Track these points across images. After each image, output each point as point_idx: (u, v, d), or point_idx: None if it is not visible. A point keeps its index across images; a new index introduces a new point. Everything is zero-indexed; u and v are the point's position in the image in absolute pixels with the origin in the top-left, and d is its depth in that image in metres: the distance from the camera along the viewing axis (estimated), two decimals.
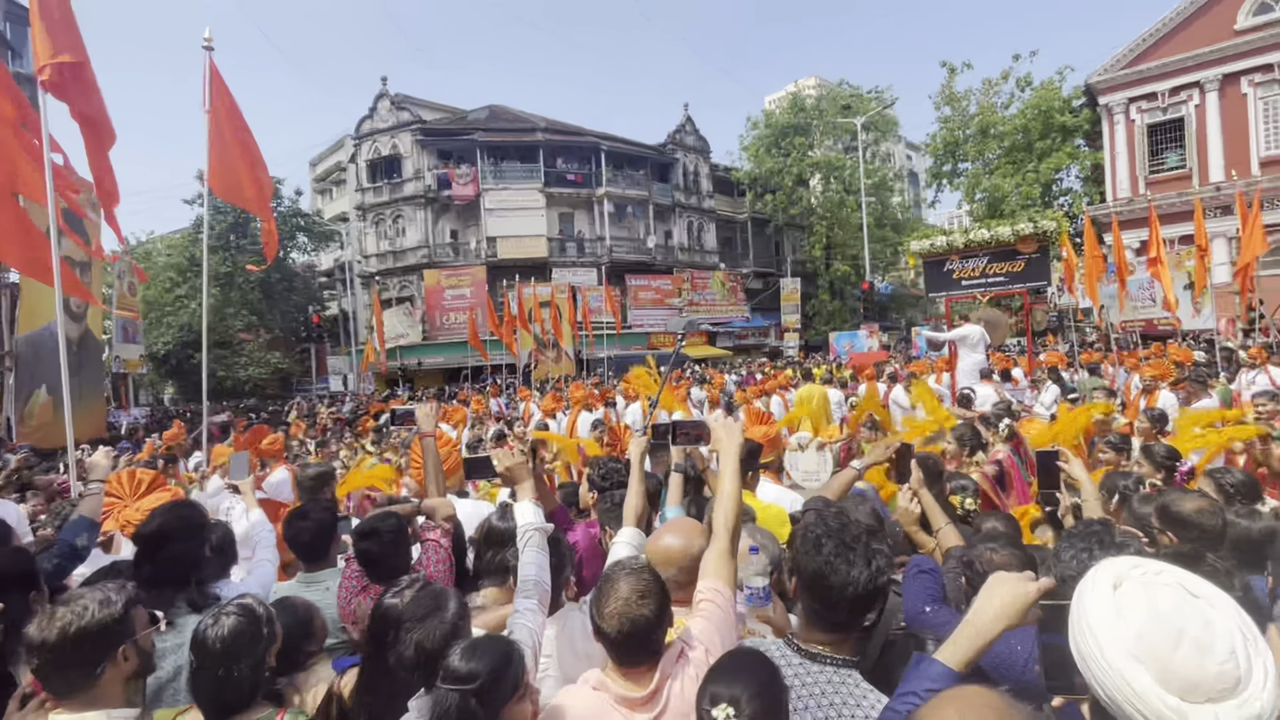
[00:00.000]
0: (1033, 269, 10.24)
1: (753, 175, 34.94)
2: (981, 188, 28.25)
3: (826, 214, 34.71)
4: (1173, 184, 23.27)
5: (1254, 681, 0.95)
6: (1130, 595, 1.04)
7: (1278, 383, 8.34)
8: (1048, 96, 26.97)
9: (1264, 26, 21.78)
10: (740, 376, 15.71)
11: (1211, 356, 11.02)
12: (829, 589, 1.50)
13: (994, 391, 8.99)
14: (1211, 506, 2.50)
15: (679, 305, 31.95)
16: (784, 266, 36.27)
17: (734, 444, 1.99)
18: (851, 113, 32.38)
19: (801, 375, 11.76)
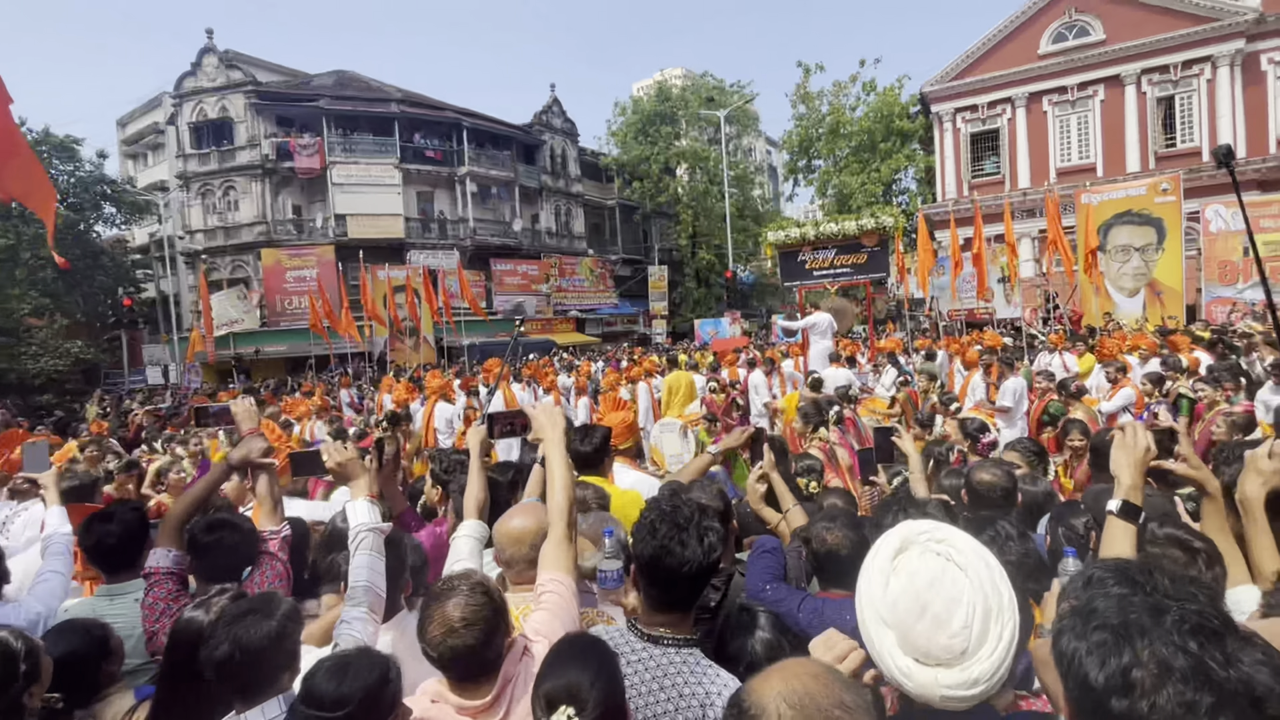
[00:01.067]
0: (874, 261, 11.18)
1: (621, 161, 35.25)
2: (832, 184, 30.41)
3: (692, 203, 35.80)
4: (990, 188, 26.32)
5: (982, 651, 1.09)
6: (903, 563, 1.17)
7: (1070, 366, 9.73)
8: (889, 102, 29.48)
9: (1061, 53, 25.12)
10: (608, 363, 15.86)
11: (1019, 341, 12.64)
12: (665, 570, 1.54)
13: (842, 374, 9.74)
14: (1003, 478, 2.84)
15: (546, 291, 31.64)
16: (652, 254, 37.03)
17: (556, 431, 1.98)
18: (715, 105, 33.53)
19: (667, 362, 12.07)
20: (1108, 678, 0.82)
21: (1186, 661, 0.78)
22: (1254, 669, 0.77)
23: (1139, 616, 0.83)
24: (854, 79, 30.89)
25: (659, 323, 33.56)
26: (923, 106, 28.91)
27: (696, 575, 1.55)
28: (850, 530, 2.43)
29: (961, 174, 27.18)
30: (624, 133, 35.40)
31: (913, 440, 3.44)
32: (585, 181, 35.52)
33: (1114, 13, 24.23)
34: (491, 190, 30.99)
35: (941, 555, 1.15)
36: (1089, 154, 25.17)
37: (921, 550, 1.16)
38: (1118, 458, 1.85)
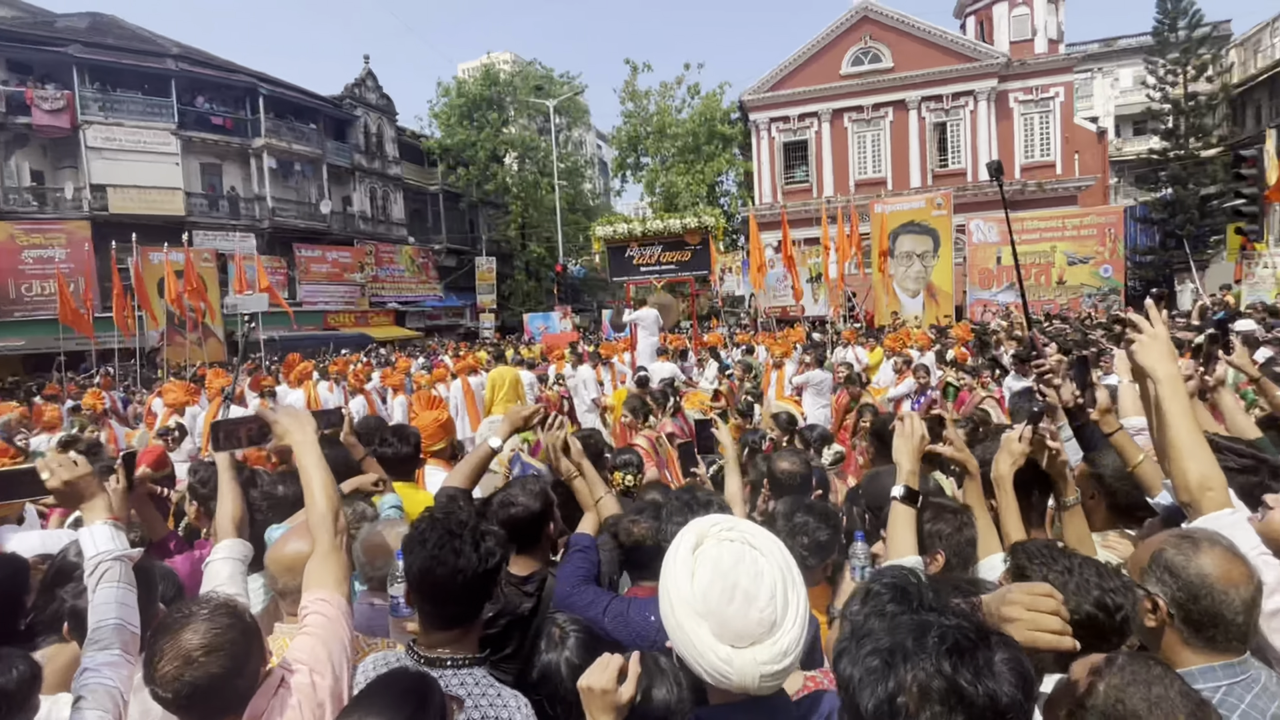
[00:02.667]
0: (697, 259, 11.76)
1: (444, 145, 33.81)
2: (660, 183, 31.52)
3: (522, 194, 35.27)
4: (800, 195, 28.79)
5: (786, 621, 1.17)
6: (704, 555, 1.20)
7: (860, 358, 10.93)
8: (712, 106, 31.14)
9: (858, 75, 28.10)
10: (428, 359, 15.11)
11: (825, 337, 13.98)
12: (437, 583, 1.46)
13: (667, 369, 10.10)
14: (801, 465, 3.08)
15: (361, 280, 29.49)
16: (480, 244, 35.91)
17: (305, 432, 1.76)
18: (544, 94, 33.27)
19: (493, 357, 11.74)
20: (876, 705, 0.89)
21: (942, 684, 0.85)
22: (998, 680, 0.86)
23: (904, 639, 0.90)
24: (679, 81, 32.23)
25: (487, 316, 32.69)
26: (742, 113, 30.87)
27: (472, 585, 1.48)
28: (658, 522, 2.48)
29: (776, 180, 29.44)
30: (447, 115, 33.97)
31: (729, 431, 3.61)
32: (405, 164, 33.58)
33: (900, 44, 27.57)
34: (295, 167, 28.22)
35: (736, 541, 1.21)
36: (881, 169, 28.43)
37: (718, 540, 1.21)
38: (899, 446, 2.06)
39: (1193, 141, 26.72)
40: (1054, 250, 20.69)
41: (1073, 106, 27.45)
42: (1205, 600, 1.42)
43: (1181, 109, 26.69)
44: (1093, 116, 31.48)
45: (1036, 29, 26.84)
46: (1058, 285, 20.56)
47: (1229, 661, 1.40)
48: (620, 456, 3.74)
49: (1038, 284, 20.70)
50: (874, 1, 27.60)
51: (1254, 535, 1.72)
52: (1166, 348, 1.93)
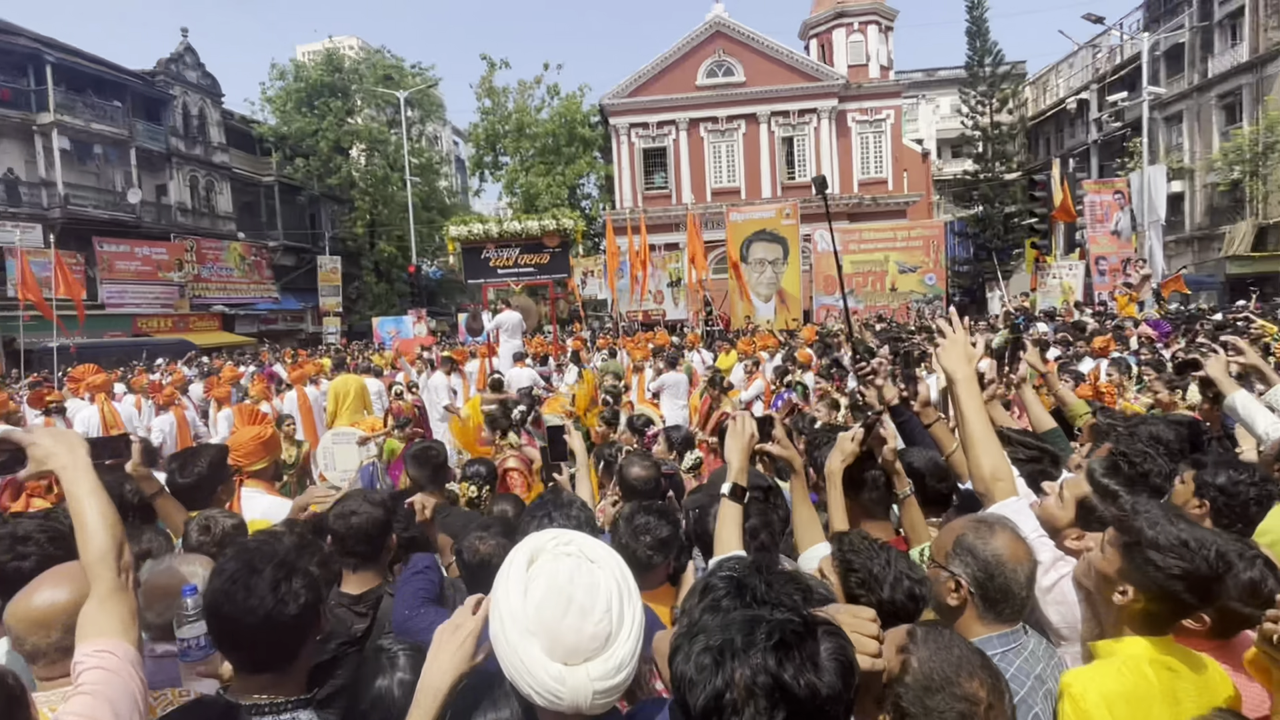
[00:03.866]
0: (556, 262, 11.70)
1: (280, 133, 31.24)
2: (519, 183, 31.08)
3: (370, 189, 33.38)
4: (659, 201, 29.57)
5: (621, 633, 1.16)
6: (539, 570, 1.18)
7: (708, 362, 11.38)
8: (572, 108, 31.19)
9: (712, 88, 29.37)
10: (260, 367, 13.83)
11: (682, 341, 14.43)
12: (225, 621, 1.33)
13: (526, 374, 9.94)
14: (652, 470, 3.14)
15: (180, 280, 26.49)
16: (322, 242, 33.47)
17: (75, 456, 1.51)
18: (394, 85, 31.72)
19: (334, 365, 10.97)
20: (705, 701, 0.92)
21: (767, 679, 0.89)
22: (820, 673, 0.90)
23: (734, 635, 0.93)
24: (538, 81, 31.98)
25: (331, 320, 30.55)
26: (602, 117, 31.20)
27: (270, 630, 1.33)
28: (505, 540, 2.41)
29: (636, 185, 30.04)
30: (283, 100, 31.43)
31: (581, 439, 3.59)
32: (233, 152, 30.62)
33: (752, 60, 29.15)
34: (94, 150, 24.83)
35: (573, 555, 1.19)
36: (735, 178, 29.88)
37: (553, 555, 1.19)
38: (729, 444, 2.15)
39: (998, 165, 30.57)
40: (887, 259, 22.74)
41: (901, 129, 30.38)
42: (999, 578, 1.60)
43: (988, 136, 30.46)
44: (918, 139, 35.02)
45: (870, 55, 29.45)
46: (891, 291, 22.61)
47: (1005, 631, 1.58)
48: (470, 467, 3.61)
49: (874, 290, 22.66)
50: (726, 17, 28.96)
51: (1034, 519, 1.96)
52: (964, 351, 2.16)
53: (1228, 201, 24.82)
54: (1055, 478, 2.37)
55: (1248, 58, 23.98)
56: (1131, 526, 1.57)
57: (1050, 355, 8.81)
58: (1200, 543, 1.49)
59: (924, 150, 31.91)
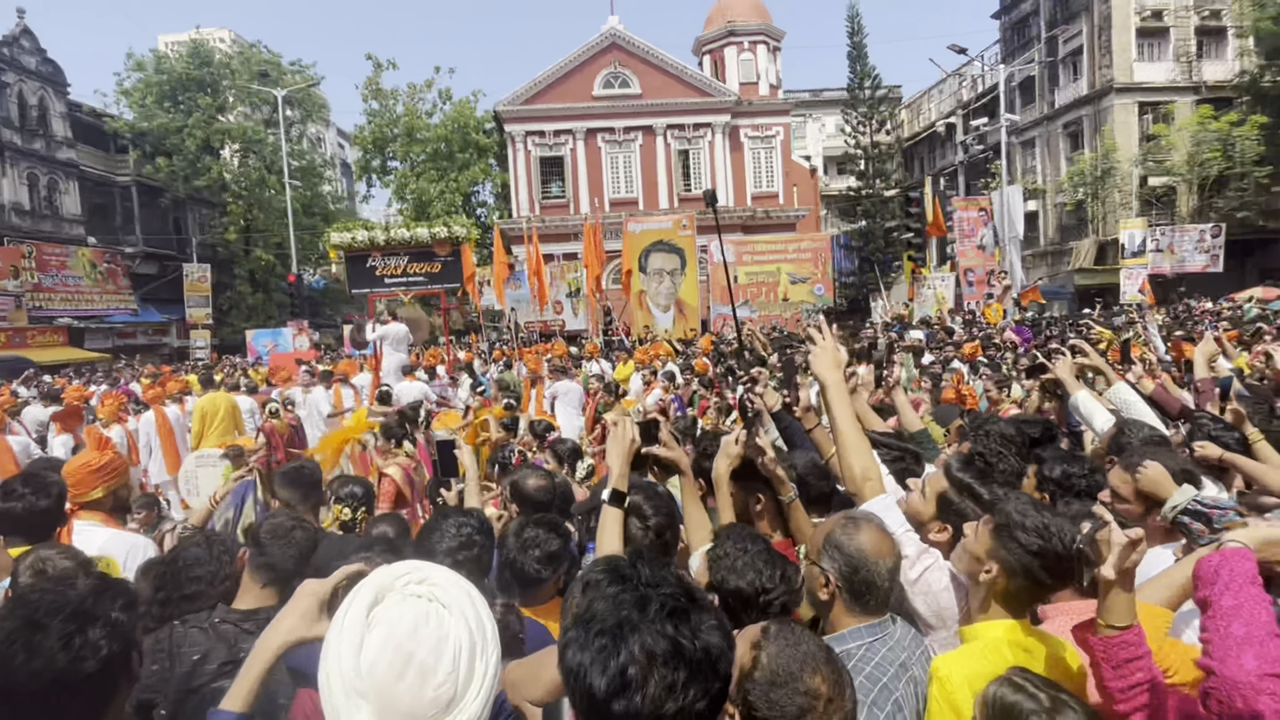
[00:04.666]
0: (449, 271, 11.39)
1: (139, 129, 28.72)
2: (410, 189, 30.08)
3: (245, 192, 31.28)
4: (557, 209, 29.48)
5: (469, 694, 1.03)
6: (380, 616, 1.04)
7: (608, 373, 11.42)
8: (465, 114, 30.58)
9: (609, 99, 29.67)
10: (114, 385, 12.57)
11: (582, 353, 14.41)
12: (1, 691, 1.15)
13: (416, 388, 9.58)
14: (548, 480, 3.10)
15: (15, 289, 23.69)
16: (189, 249, 30.95)
17: None
18: (271, 82, 29.93)
19: (201, 382, 10.12)
20: (609, 681, 0.93)
21: (666, 645, 0.94)
22: (709, 634, 0.98)
23: (629, 612, 0.97)
24: (429, 84, 31.14)
25: (200, 334, 28.27)
26: (497, 124, 30.79)
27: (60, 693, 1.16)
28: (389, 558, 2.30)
29: (533, 193, 29.81)
30: (142, 93, 28.94)
31: (470, 452, 3.50)
32: (82, 148, 27.82)
33: (647, 73, 29.70)
34: None
35: (424, 597, 1.07)
36: (633, 188, 30.26)
37: (400, 597, 1.07)
38: (610, 449, 2.16)
39: (878, 182, 32.64)
40: (779, 271, 23.72)
41: (790, 145, 31.86)
42: (863, 571, 1.68)
43: (869, 155, 32.49)
44: (806, 155, 36.84)
45: (760, 74, 30.73)
46: (783, 301, 23.59)
47: (872, 622, 1.67)
48: (344, 488, 3.42)
49: (767, 300, 23.56)
50: (621, 29, 29.38)
51: (901, 515, 2.09)
52: (833, 358, 2.27)
53: (1074, 220, 27.71)
54: (920, 475, 2.53)
55: (1087, 91, 26.96)
56: (1002, 510, 1.71)
57: (925, 360, 9.48)
58: (1059, 528, 1.64)
59: (812, 166, 33.62)
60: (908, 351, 9.49)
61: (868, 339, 11.17)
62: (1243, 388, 3.61)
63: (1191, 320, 13.24)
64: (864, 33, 32.13)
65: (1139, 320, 11.38)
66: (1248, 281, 21.96)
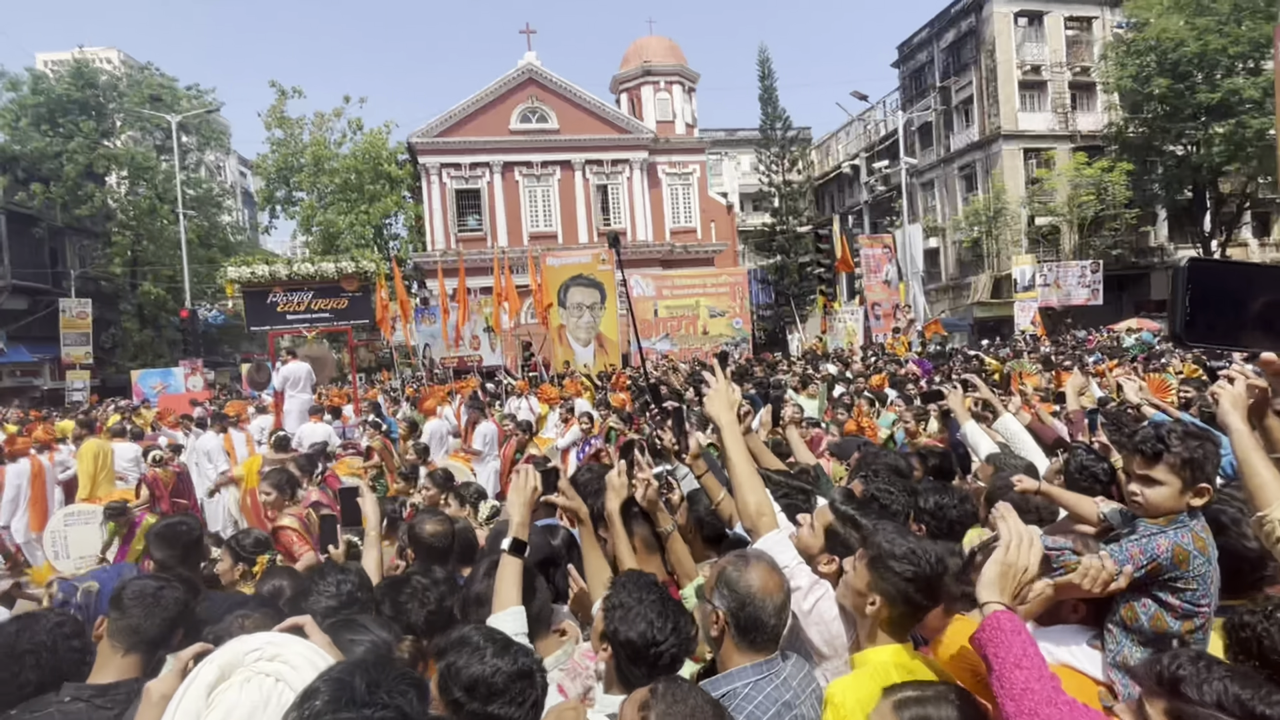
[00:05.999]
0: (356, 306, 11.07)
1: (9, 152, 26.75)
2: (318, 221, 29.19)
3: (132, 222, 29.53)
4: (474, 243, 29.21)
5: None
6: (220, 698, 1.01)
7: (534, 408, 11.36)
8: (376, 144, 30.12)
9: (526, 133, 29.91)
10: None
11: (499, 389, 14.22)
12: None
13: (320, 430, 9.20)
14: (447, 525, 3.06)
15: None
16: (66, 282, 28.74)
17: None
18: (165, 106, 28.59)
19: (81, 426, 9.39)
20: None
21: None
22: None
23: None
24: (338, 114, 30.57)
25: (78, 375, 26.15)
26: (411, 156, 30.42)
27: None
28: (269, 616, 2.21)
29: (449, 227, 29.49)
30: (16, 114, 27.06)
31: (374, 501, 3.40)
32: None
33: (564, 109, 30.15)
34: None
35: (271, 675, 1.03)
36: (552, 223, 30.41)
37: (246, 676, 1.02)
38: (511, 498, 2.18)
39: (791, 219, 34.14)
40: (698, 304, 24.25)
41: (706, 182, 32.92)
42: (750, 608, 1.75)
43: (782, 193, 34.01)
44: (723, 192, 38.12)
45: (676, 113, 31.75)
46: (703, 334, 24.08)
47: (759, 661, 1.74)
48: (249, 537, 3.27)
49: (688, 333, 24.00)
50: (538, 65, 29.80)
51: (793, 549, 2.19)
52: (726, 399, 2.38)
53: (971, 256, 29.77)
54: (810, 510, 2.67)
55: (978, 137, 29.26)
56: (873, 542, 1.80)
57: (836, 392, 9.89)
58: (924, 550, 1.76)
59: (728, 203, 34.78)
60: (823, 382, 9.88)
61: (757, 375, 11.60)
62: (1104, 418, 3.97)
63: (1081, 351, 14.42)
64: (774, 76, 33.87)
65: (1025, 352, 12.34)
66: (1124, 313, 24.20)
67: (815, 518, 2.33)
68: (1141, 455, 1.85)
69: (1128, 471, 2.01)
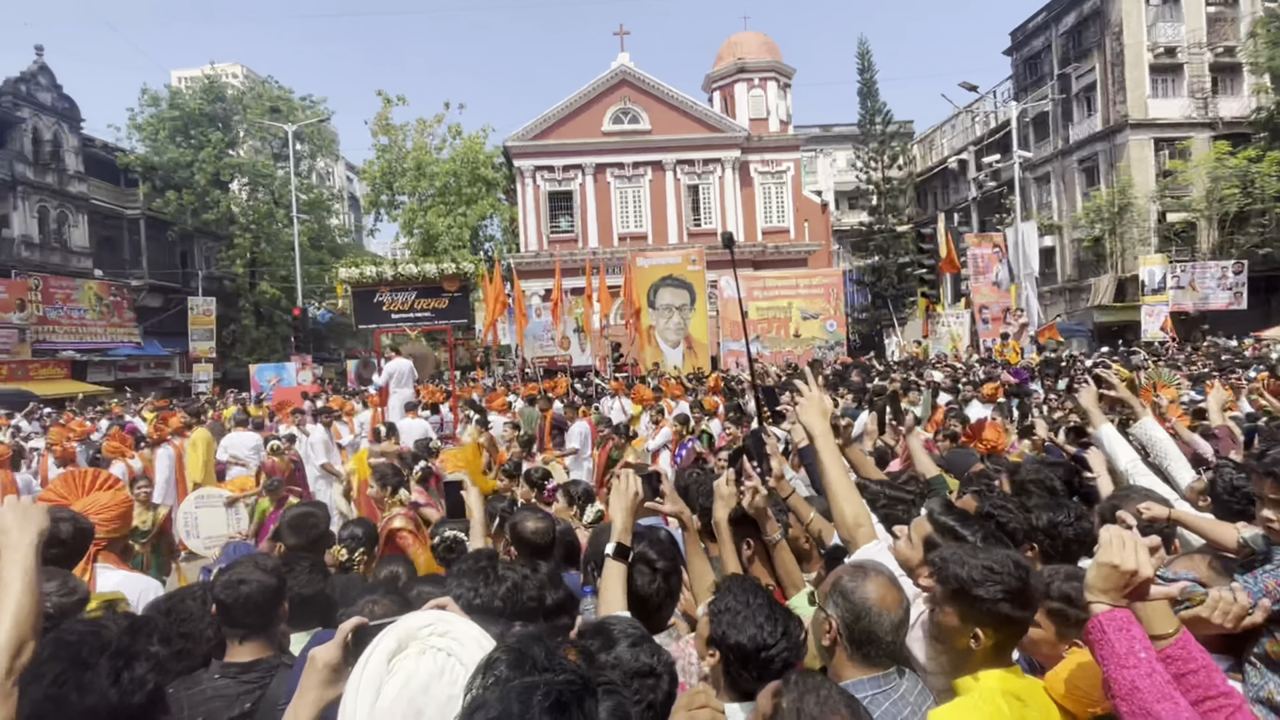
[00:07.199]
0: (456, 306, 11.56)
1: (149, 163, 29.54)
2: (418, 224, 30.64)
3: (252, 225, 31.99)
4: (566, 244, 29.87)
5: None
6: (400, 666, 1.09)
7: (626, 409, 11.50)
8: (474, 149, 31.29)
9: (619, 134, 30.31)
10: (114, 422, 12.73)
11: (590, 389, 14.49)
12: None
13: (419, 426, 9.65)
14: (548, 524, 3.16)
15: (20, 322, 24.14)
16: (194, 282, 31.55)
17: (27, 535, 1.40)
18: (282, 117, 30.80)
19: (191, 416, 10.22)
20: None
21: None
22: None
23: (511, 704, 0.92)
24: (439, 120, 31.96)
25: (203, 367, 28.63)
26: (506, 159, 31.46)
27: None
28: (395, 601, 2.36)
29: (541, 228, 30.29)
30: (155, 128, 29.83)
31: (478, 495, 3.55)
32: (93, 181, 28.61)
33: (656, 109, 30.36)
34: None
35: (443, 650, 1.11)
36: (642, 223, 30.69)
37: (421, 648, 1.11)
38: (614, 503, 2.22)
39: (890, 218, 32.99)
40: (790, 306, 23.85)
41: (801, 180, 32.31)
42: (864, 620, 1.73)
43: (881, 190, 32.92)
44: (818, 190, 37.37)
45: (770, 110, 31.35)
46: (795, 338, 23.67)
47: (875, 675, 1.71)
48: (343, 529, 3.49)
49: (779, 336, 23.64)
50: (631, 66, 30.15)
51: (893, 561, 2.14)
52: (819, 409, 2.35)
53: (1092, 256, 27.84)
54: (908, 521, 2.60)
55: (1101, 127, 27.33)
56: (947, 576, 1.72)
57: (941, 401, 9.50)
58: (998, 562, 1.68)
59: (823, 201, 34.06)
60: (927, 389, 9.52)
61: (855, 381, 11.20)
62: None
63: (1231, 361, 12.89)
64: (874, 69, 32.88)
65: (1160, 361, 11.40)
66: (1274, 319, 21.90)
67: (913, 529, 2.26)
68: (1273, 479, 1.71)
69: (1260, 496, 1.87)
